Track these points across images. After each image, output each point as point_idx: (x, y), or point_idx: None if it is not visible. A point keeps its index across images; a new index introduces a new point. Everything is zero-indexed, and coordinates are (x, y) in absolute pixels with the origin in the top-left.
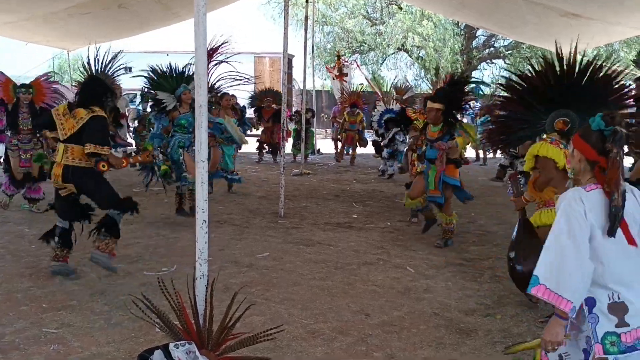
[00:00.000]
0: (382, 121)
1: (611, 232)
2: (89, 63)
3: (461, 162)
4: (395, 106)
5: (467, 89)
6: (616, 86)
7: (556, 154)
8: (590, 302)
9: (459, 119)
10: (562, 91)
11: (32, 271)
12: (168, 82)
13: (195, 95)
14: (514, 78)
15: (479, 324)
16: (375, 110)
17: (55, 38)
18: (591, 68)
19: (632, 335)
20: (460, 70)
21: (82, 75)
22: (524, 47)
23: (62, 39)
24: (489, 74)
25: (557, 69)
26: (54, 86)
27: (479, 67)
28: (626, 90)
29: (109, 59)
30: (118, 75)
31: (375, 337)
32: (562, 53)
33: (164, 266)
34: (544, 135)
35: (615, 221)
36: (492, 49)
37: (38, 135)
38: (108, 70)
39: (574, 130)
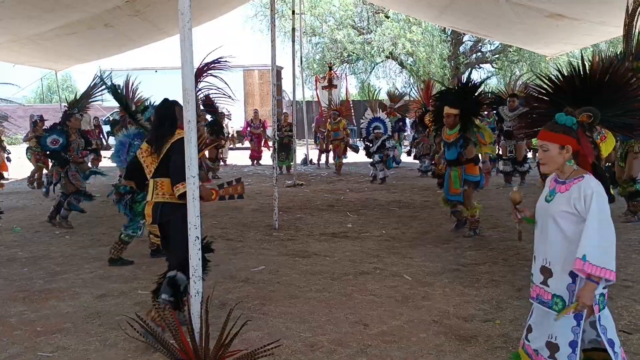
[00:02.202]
0: (370, 129)
1: (609, 197)
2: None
3: (479, 159)
4: (382, 114)
5: (480, 94)
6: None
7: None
8: None
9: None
10: (585, 91)
11: (26, 294)
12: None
13: (184, 112)
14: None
15: (479, 329)
16: (364, 117)
17: (42, 59)
18: (610, 69)
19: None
20: (448, 76)
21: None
22: (511, 50)
23: (50, 59)
24: (477, 79)
25: (581, 72)
26: None
27: (466, 72)
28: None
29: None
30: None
31: (375, 348)
32: (586, 60)
33: None
34: None
35: (606, 185)
36: (479, 53)
37: None
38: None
39: (596, 122)
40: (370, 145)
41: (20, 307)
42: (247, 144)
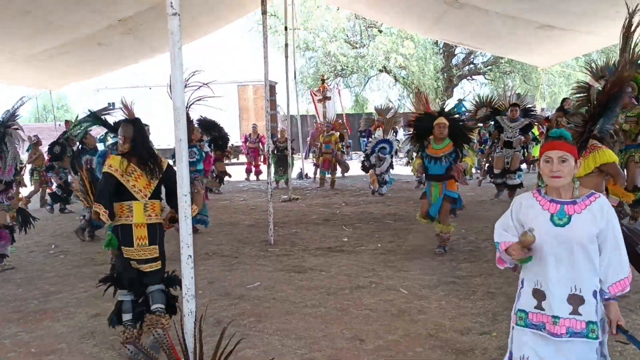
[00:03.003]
0: (376, 148)
1: None
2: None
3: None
4: (392, 135)
5: (457, 116)
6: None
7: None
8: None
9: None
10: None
11: (20, 315)
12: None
13: (174, 130)
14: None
15: (475, 342)
16: (373, 137)
17: (37, 79)
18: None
19: None
20: (441, 88)
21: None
22: (503, 62)
23: (44, 79)
24: (470, 90)
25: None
26: None
27: (459, 84)
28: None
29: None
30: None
31: None
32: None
33: None
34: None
35: None
36: (471, 65)
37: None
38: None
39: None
40: (370, 161)
41: (14, 329)
42: (242, 158)
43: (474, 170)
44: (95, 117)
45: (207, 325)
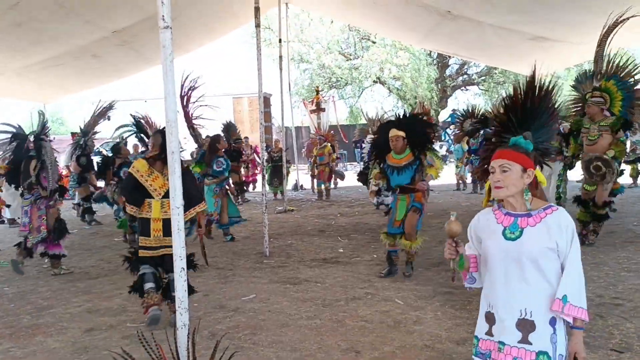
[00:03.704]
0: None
1: None
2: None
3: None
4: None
5: (427, 120)
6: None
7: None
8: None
9: (430, 146)
10: (528, 115)
11: (12, 331)
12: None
13: (167, 143)
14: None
15: (472, 353)
16: (366, 142)
17: (30, 92)
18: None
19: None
20: (435, 99)
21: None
22: (497, 72)
23: (38, 92)
24: (464, 100)
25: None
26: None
27: (453, 95)
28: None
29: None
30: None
31: None
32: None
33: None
34: None
35: None
36: (465, 76)
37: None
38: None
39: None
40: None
41: (6, 344)
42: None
43: (469, 180)
44: (138, 127)
45: (202, 338)
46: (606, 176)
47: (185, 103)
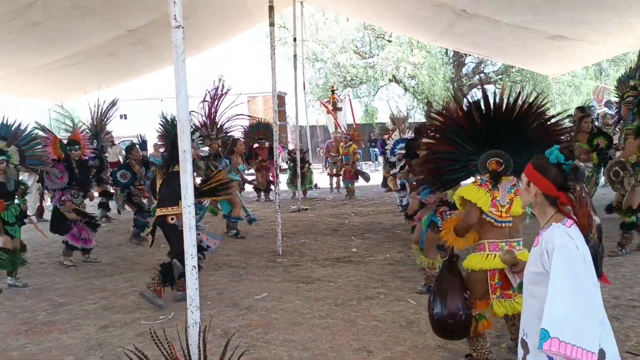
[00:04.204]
0: (395, 150)
1: (598, 273)
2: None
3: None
4: (410, 135)
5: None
6: (546, 123)
7: (480, 197)
8: None
9: None
10: (490, 131)
11: (28, 327)
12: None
13: (178, 142)
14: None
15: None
16: (390, 139)
17: (48, 90)
18: (518, 107)
19: None
20: (451, 98)
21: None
22: (514, 71)
23: (55, 90)
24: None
25: (483, 109)
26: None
27: (469, 94)
28: (556, 125)
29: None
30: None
31: None
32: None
33: (162, 314)
34: (477, 177)
35: (597, 260)
36: (481, 75)
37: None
38: (103, 119)
39: (508, 170)
40: (389, 161)
41: (22, 340)
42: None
43: None
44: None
45: (215, 337)
46: (624, 181)
47: (214, 109)
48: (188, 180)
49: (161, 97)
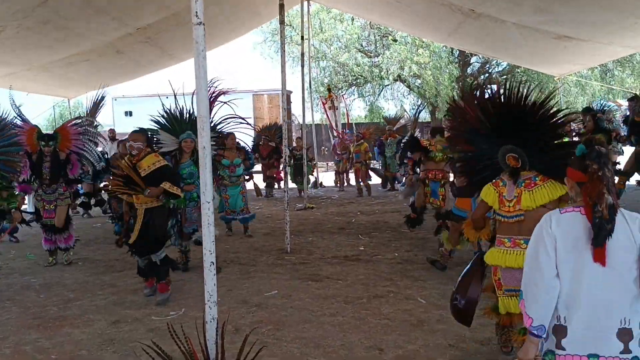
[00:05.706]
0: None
1: (596, 242)
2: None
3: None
4: (418, 134)
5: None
6: (557, 121)
7: (488, 194)
8: None
9: None
10: (502, 127)
11: (40, 322)
12: (178, 125)
13: (198, 138)
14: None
15: (496, 353)
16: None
17: (55, 87)
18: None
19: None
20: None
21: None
22: (519, 71)
23: (63, 87)
24: None
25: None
26: (82, 130)
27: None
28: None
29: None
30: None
31: None
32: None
33: (172, 310)
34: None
35: (599, 232)
36: (487, 74)
37: (65, 185)
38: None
39: (525, 165)
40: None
41: (34, 335)
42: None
43: None
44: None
45: (226, 333)
46: None
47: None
48: (207, 176)
49: (167, 94)
